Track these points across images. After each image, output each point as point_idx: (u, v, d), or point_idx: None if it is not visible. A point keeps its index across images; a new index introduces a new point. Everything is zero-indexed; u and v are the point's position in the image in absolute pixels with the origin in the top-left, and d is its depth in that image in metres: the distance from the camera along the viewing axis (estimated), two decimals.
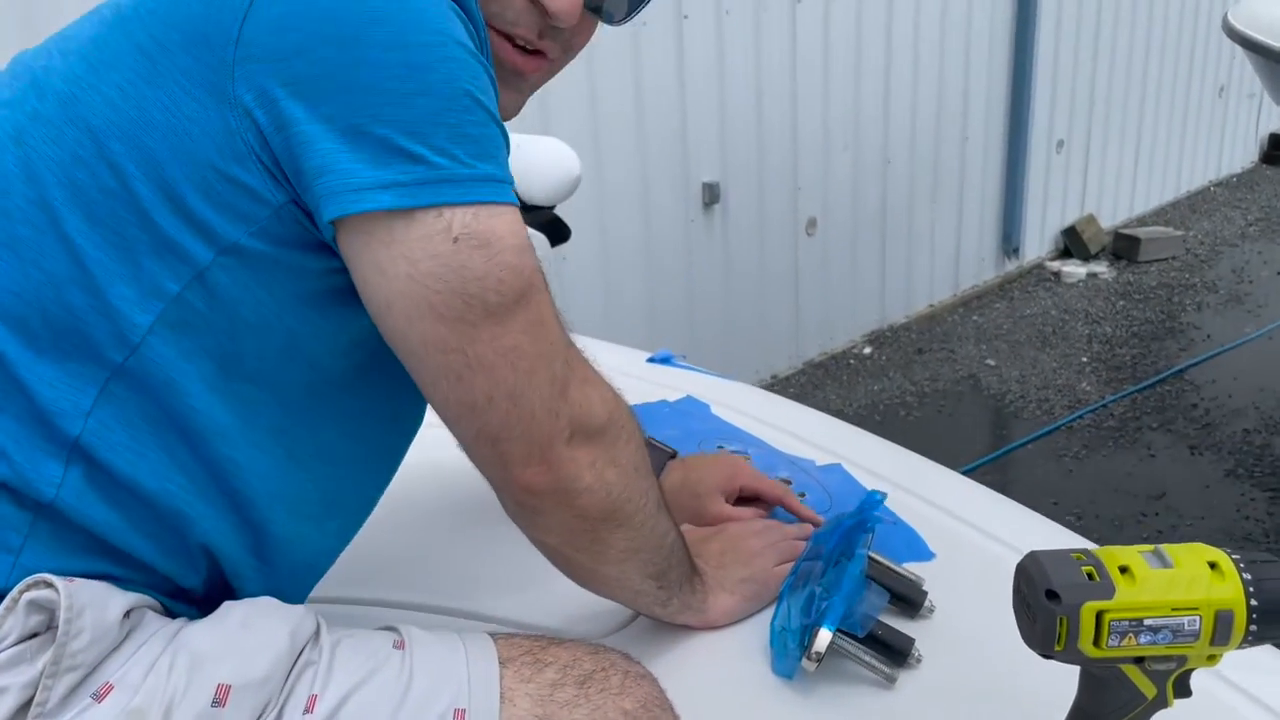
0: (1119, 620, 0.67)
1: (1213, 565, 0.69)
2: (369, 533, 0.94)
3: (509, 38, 0.88)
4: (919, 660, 0.95)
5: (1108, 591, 0.67)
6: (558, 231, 1.81)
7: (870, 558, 1.03)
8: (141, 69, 0.74)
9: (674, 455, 1.21)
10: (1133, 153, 5.76)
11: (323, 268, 0.78)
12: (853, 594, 0.95)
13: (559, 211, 1.91)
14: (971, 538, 1.13)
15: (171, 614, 0.80)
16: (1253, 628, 0.68)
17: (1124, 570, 0.68)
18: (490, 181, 0.74)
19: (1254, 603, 0.68)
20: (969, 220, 4.88)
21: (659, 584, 0.95)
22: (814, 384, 4.22)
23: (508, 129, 0.82)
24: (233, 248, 0.75)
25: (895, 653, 0.95)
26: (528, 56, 0.90)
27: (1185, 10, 5.75)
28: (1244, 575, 0.68)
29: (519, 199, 0.78)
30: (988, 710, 0.90)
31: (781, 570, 1.05)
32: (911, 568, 1.05)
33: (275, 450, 0.81)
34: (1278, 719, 0.87)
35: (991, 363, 4.30)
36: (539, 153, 1.73)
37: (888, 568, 1.04)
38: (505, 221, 0.75)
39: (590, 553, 0.88)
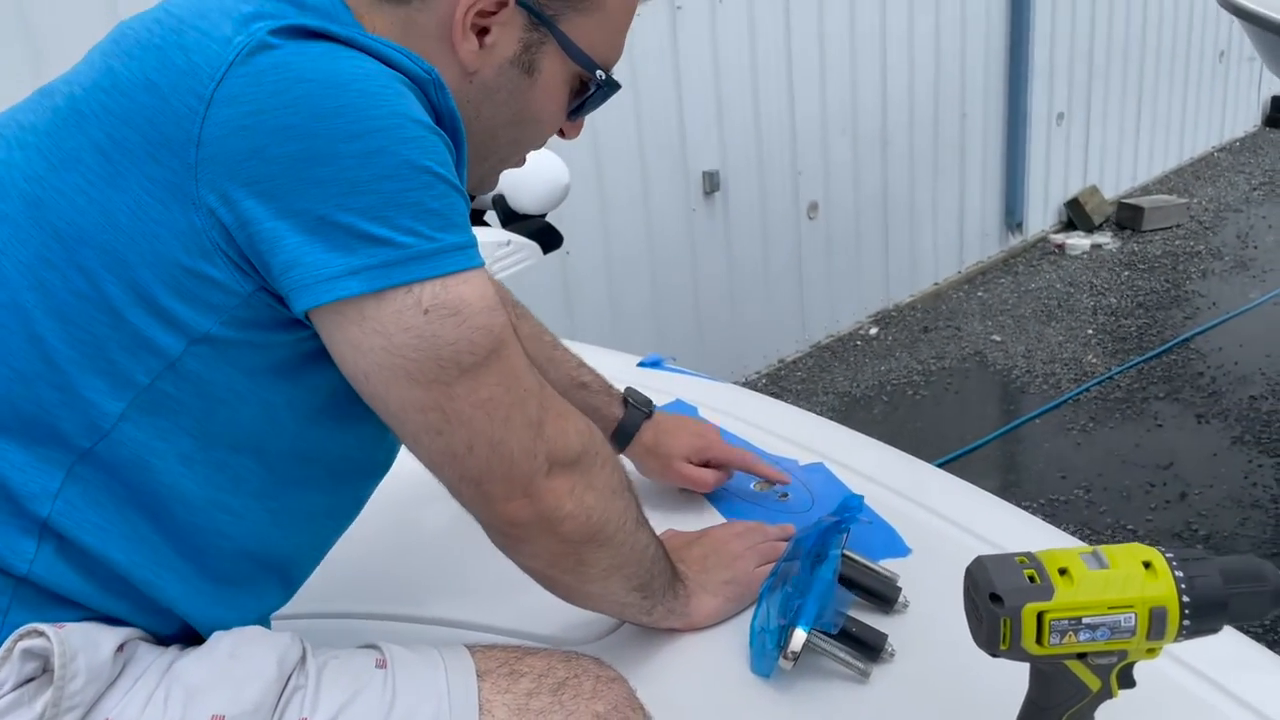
0: (1059, 619, 0.71)
1: (1147, 565, 0.73)
2: (347, 546, 0.98)
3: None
4: (892, 655, 0.99)
5: (1047, 593, 0.71)
6: (549, 239, 1.85)
7: (847, 556, 1.07)
8: (102, 170, 0.76)
9: (650, 414, 1.29)
10: (1134, 121, 5.74)
11: (294, 338, 0.80)
12: (825, 594, 0.99)
13: (550, 215, 1.95)
14: (948, 533, 1.17)
15: (163, 641, 0.84)
16: (1186, 622, 0.72)
17: (1063, 572, 0.72)
18: (455, 251, 0.77)
19: (1186, 599, 0.72)
20: (971, 197, 4.89)
21: (643, 595, 0.99)
22: (821, 366, 4.25)
23: None
24: (204, 338, 0.78)
25: (869, 648, 0.99)
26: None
27: None
28: (1176, 573, 0.72)
29: (512, 211, 0.83)
30: (959, 703, 0.94)
31: (763, 572, 1.09)
32: (888, 564, 1.09)
33: (259, 513, 0.85)
34: (1247, 708, 0.91)
35: (997, 338, 4.32)
36: (529, 164, 1.77)
37: (865, 566, 1.08)
38: (472, 286, 0.78)
39: (575, 574, 0.92)
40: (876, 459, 1.34)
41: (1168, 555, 0.73)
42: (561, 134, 0.99)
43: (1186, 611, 0.72)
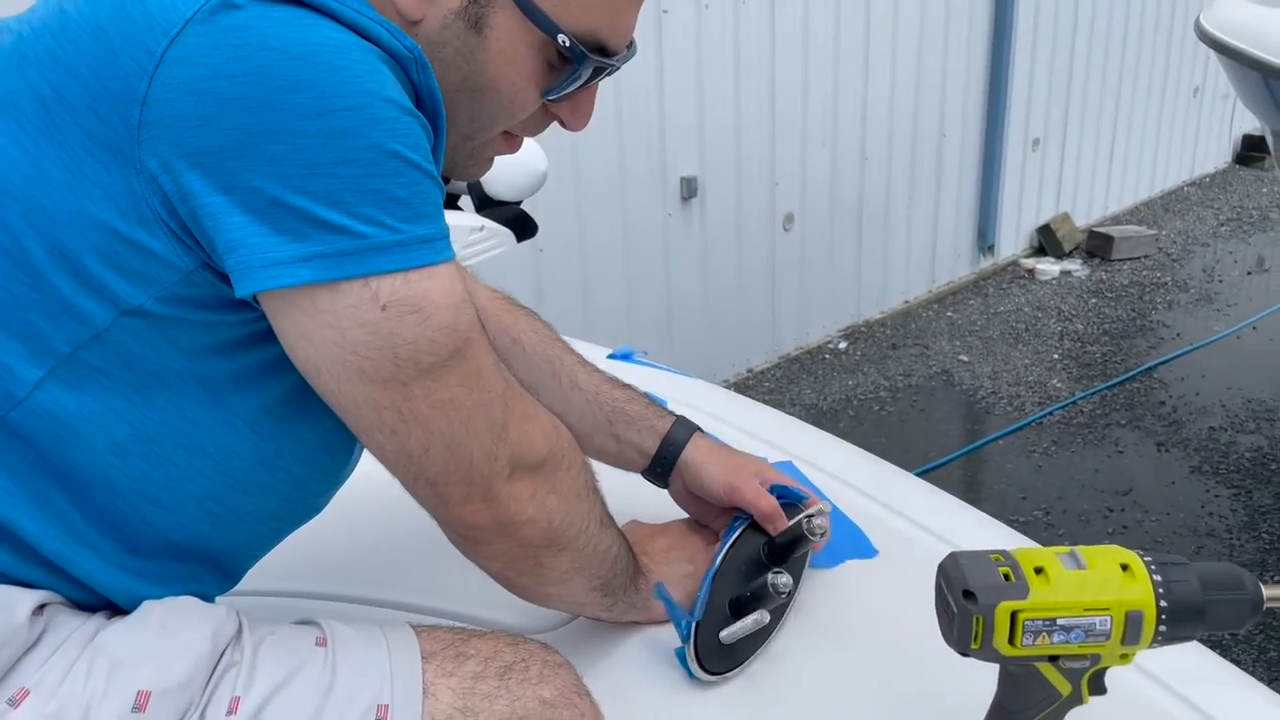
0: (1033, 620, 0.69)
1: (1125, 567, 0.71)
2: None
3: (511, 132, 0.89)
4: (786, 592, 0.95)
5: (1022, 592, 0.69)
6: (524, 227, 1.82)
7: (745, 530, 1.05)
8: (39, 119, 0.70)
9: (698, 429, 1.15)
10: (1107, 152, 5.80)
11: (239, 319, 0.75)
12: (701, 601, 0.97)
13: (526, 206, 1.93)
14: (916, 535, 1.15)
15: (86, 609, 0.79)
16: (1162, 628, 0.70)
17: (1039, 571, 0.71)
18: (422, 243, 0.72)
19: (1163, 604, 0.70)
20: (945, 217, 4.92)
21: (604, 593, 0.96)
22: (789, 378, 4.25)
23: None
24: (136, 310, 0.72)
25: (756, 600, 0.96)
26: (514, 140, 0.91)
27: (1161, 11, 5.80)
28: (1154, 577, 0.71)
29: (487, 196, 0.78)
30: (924, 706, 0.92)
31: None
32: (864, 575, 1.07)
33: (195, 514, 0.80)
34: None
35: (964, 358, 4.33)
36: None
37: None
38: (438, 282, 0.73)
39: (534, 576, 0.89)
40: (845, 459, 1.33)
41: (1146, 559, 0.72)
42: (562, 123, 0.89)
43: (1163, 617, 0.70)
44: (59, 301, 0.72)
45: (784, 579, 0.95)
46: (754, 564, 1.04)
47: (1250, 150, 6.77)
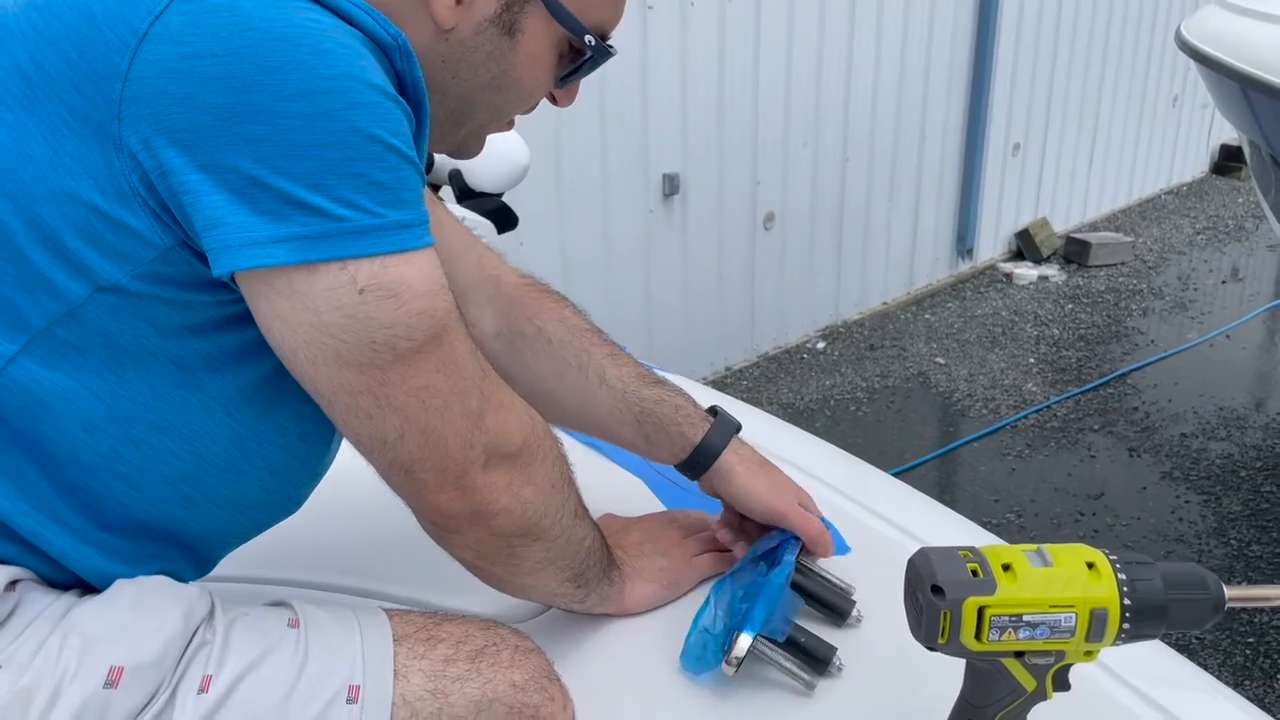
0: (999, 615, 0.70)
1: (1090, 565, 0.72)
2: None
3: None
4: (840, 669, 0.96)
5: (990, 588, 0.70)
6: (505, 219, 1.82)
7: (802, 565, 1.04)
8: (20, 93, 0.70)
9: (739, 428, 1.13)
10: (1087, 159, 5.85)
11: (216, 299, 0.75)
12: (774, 600, 0.96)
13: (507, 198, 1.93)
14: (889, 533, 1.16)
15: (58, 586, 0.79)
16: (1126, 625, 0.71)
17: (1007, 568, 0.71)
18: (400, 228, 0.72)
19: (1127, 602, 0.71)
20: (924, 220, 4.94)
21: (577, 584, 0.97)
22: (767, 377, 4.26)
23: None
24: (113, 287, 0.72)
25: (816, 660, 0.96)
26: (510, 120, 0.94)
27: (1142, 21, 5.85)
28: (1119, 575, 0.72)
29: (468, 188, 0.79)
30: (892, 701, 0.92)
31: (700, 561, 1.08)
32: (839, 572, 1.07)
33: (168, 495, 0.80)
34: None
35: (941, 361, 4.36)
36: (487, 141, 1.74)
37: (820, 577, 1.05)
38: (416, 268, 0.73)
39: (506, 565, 0.89)
40: (818, 456, 1.33)
41: (1111, 558, 0.73)
42: (553, 100, 0.94)
43: (1127, 615, 0.71)
44: (35, 276, 0.72)
45: (839, 661, 0.96)
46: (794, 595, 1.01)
47: (1228, 160, 6.83)
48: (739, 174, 4.04)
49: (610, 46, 0.89)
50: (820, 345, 4.52)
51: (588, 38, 0.86)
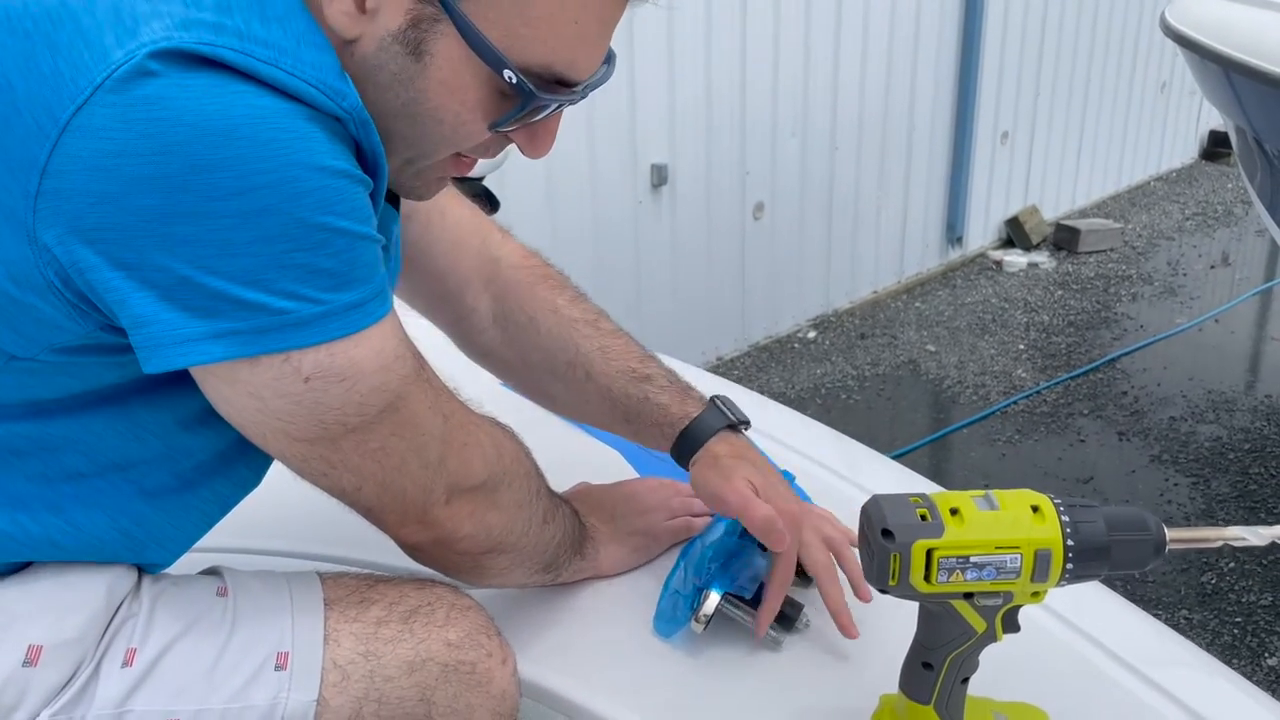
0: (947, 557, 0.73)
1: (1035, 509, 0.74)
2: None
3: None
4: (807, 625, 0.99)
5: (937, 531, 0.73)
6: (486, 204, 1.84)
7: None
8: None
9: (734, 424, 1.08)
10: (1075, 146, 5.86)
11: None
12: (743, 559, 0.98)
13: (495, 188, 1.94)
14: (852, 494, 1.18)
15: None
16: (1069, 566, 0.74)
17: (954, 512, 0.74)
18: (347, 311, 0.68)
19: (1070, 543, 0.73)
20: (914, 208, 4.96)
21: (546, 572, 0.98)
22: (758, 367, 4.28)
23: None
24: (30, 359, 0.69)
25: (783, 617, 0.98)
26: (463, 162, 0.84)
27: (1129, 7, 5.85)
28: (1063, 517, 0.74)
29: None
30: (870, 671, 0.93)
31: (673, 525, 1.10)
32: None
33: (110, 534, 0.77)
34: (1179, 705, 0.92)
35: (932, 348, 4.38)
36: None
37: None
38: (367, 346, 0.70)
39: (473, 574, 0.90)
40: (806, 435, 1.35)
41: (1056, 501, 0.75)
42: (521, 149, 0.83)
43: (1070, 555, 0.73)
44: None
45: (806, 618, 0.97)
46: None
47: (1216, 146, 6.84)
48: (728, 164, 4.05)
49: (558, 91, 0.76)
50: (811, 334, 4.54)
51: (507, 74, 0.72)
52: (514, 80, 0.73)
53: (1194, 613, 2.72)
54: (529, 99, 0.75)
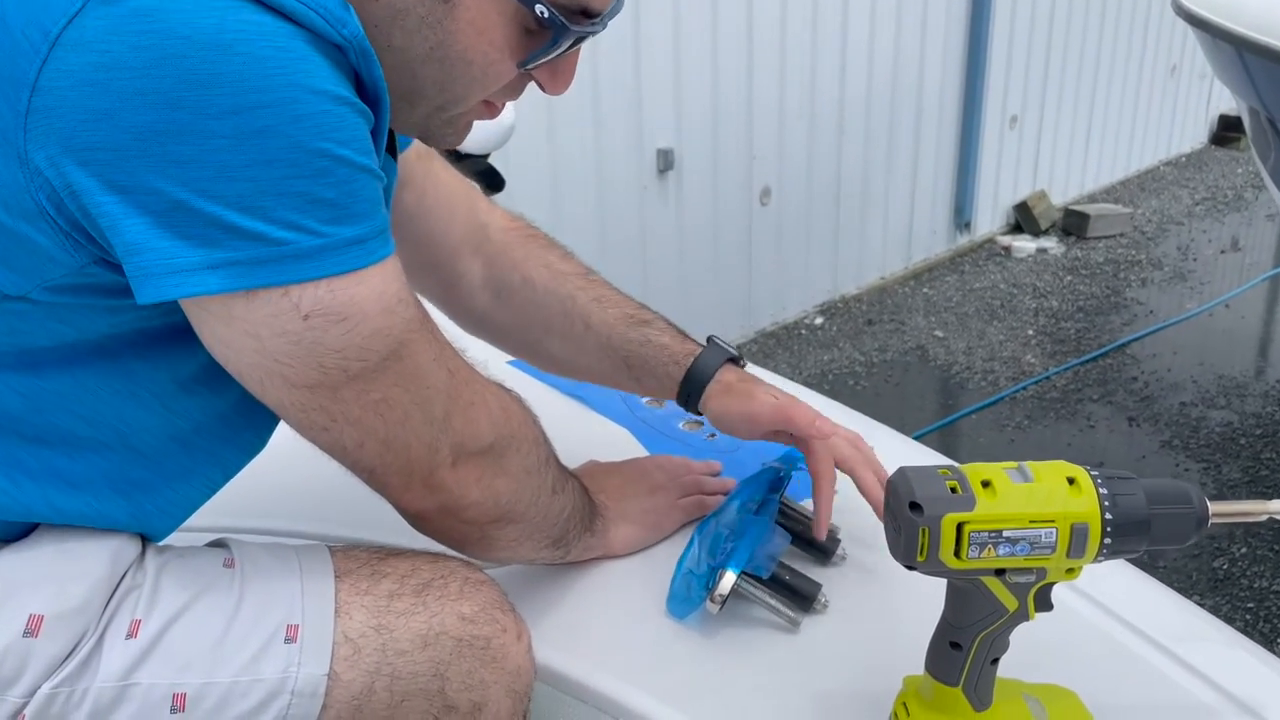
0: (979, 531, 0.69)
1: (1071, 480, 0.71)
2: None
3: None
4: (825, 605, 0.96)
5: (969, 504, 0.69)
6: (491, 180, 1.81)
7: (786, 505, 1.04)
8: None
9: (734, 357, 1.11)
10: (1084, 130, 5.81)
11: (149, 309, 0.69)
12: (759, 538, 0.95)
13: (500, 166, 1.91)
14: None
15: None
16: (1107, 540, 0.70)
17: (986, 485, 0.70)
18: (350, 245, 0.66)
19: (1108, 516, 0.70)
20: (922, 193, 4.92)
21: (554, 548, 0.95)
22: (766, 353, 4.25)
23: None
24: (20, 297, 0.67)
25: (801, 597, 0.95)
26: (493, 107, 0.84)
27: None
28: (1100, 490, 0.71)
29: (454, 151, 0.73)
30: (893, 653, 0.90)
31: (684, 503, 1.07)
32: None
33: (107, 494, 0.76)
34: (1150, 642, 0.90)
35: (940, 334, 4.34)
36: None
37: (804, 516, 1.04)
38: (369, 286, 0.68)
39: (480, 546, 0.87)
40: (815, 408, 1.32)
41: (1093, 473, 0.72)
42: (541, 87, 0.82)
43: (1108, 529, 0.70)
44: None
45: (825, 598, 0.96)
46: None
47: (1226, 130, 6.79)
48: (734, 148, 4.01)
49: (583, 21, 0.76)
50: (818, 321, 4.50)
51: (539, 8, 0.73)
52: (546, 15, 0.73)
53: (1206, 598, 2.69)
54: (561, 32, 0.75)
